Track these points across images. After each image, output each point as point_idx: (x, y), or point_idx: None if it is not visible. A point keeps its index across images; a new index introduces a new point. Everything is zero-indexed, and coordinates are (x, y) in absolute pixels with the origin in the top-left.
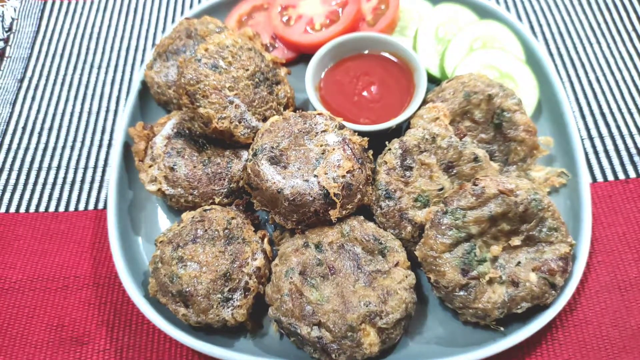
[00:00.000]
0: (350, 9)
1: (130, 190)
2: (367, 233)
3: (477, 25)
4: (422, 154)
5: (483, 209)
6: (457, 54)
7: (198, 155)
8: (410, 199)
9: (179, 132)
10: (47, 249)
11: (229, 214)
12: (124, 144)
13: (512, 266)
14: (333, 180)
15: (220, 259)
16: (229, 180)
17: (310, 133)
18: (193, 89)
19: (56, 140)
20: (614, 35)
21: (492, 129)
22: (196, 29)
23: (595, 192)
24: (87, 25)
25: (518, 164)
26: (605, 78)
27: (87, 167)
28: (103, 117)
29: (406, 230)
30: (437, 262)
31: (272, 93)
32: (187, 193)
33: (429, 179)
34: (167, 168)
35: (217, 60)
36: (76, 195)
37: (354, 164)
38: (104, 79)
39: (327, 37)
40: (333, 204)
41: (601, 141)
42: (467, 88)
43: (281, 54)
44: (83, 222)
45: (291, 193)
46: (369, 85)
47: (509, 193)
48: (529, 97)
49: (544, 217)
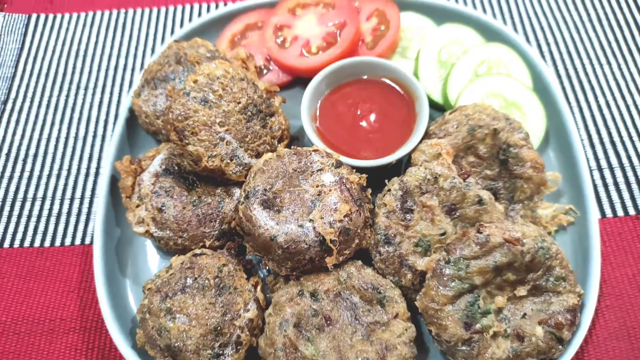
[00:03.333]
0: (349, 31)
1: (117, 228)
2: (366, 281)
3: (482, 48)
4: (424, 196)
5: (487, 259)
6: (461, 80)
7: (187, 194)
8: (411, 244)
9: (167, 169)
10: (32, 288)
11: (220, 260)
12: (110, 178)
13: (517, 319)
14: (329, 226)
15: (210, 311)
16: (220, 221)
17: (306, 172)
18: (181, 126)
19: (41, 168)
20: (625, 55)
21: (498, 165)
22: (186, 53)
23: (604, 228)
24: (73, 41)
25: (524, 202)
26: (615, 102)
27: (73, 198)
28: (90, 143)
29: (406, 278)
30: (439, 315)
31: (266, 126)
32: (177, 236)
33: (431, 223)
34: (155, 209)
35: (206, 93)
36: (62, 229)
37: (352, 207)
38: (90, 100)
39: (324, 61)
40: (329, 250)
41: (611, 173)
42: (472, 121)
43: (276, 77)
44: (69, 259)
45: (285, 241)
46: (368, 113)
47: (515, 242)
48: (536, 127)
49: (552, 265)
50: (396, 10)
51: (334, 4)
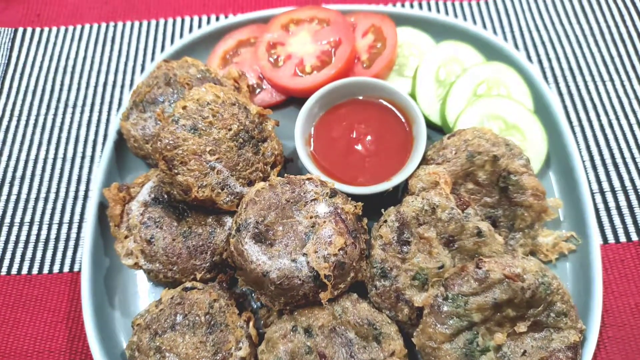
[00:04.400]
0: (344, 49)
1: (106, 257)
2: (361, 316)
3: (482, 67)
4: (421, 227)
5: (487, 296)
6: (460, 100)
7: (177, 224)
8: (408, 277)
9: (156, 198)
10: (19, 319)
11: (211, 295)
12: (98, 204)
13: (517, 357)
14: (324, 260)
15: (201, 350)
16: (211, 253)
17: (299, 203)
18: (170, 155)
19: (28, 191)
20: (629, 71)
21: (497, 192)
22: (175, 74)
23: (606, 255)
24: (61, 56)
25: (525, 231)
26: (618, 121)
27: (61, 223)
28: (78, 165)
29: (403, 313)
30: (437, 353)
31: (258, 153)
32: (166, 269)
33: (428, 255)
34: (143, 241)
35: (196, 120)
36: (50, 256)
37: (347, 239)
38: (79, 119)
39: (318, 81)
40: (324, 286)
41: (613, 196)
42: (471, 147)
43: (269, 97)
44: (58, 287)
45: (278, 277)
46: (364, 136)
47: (516, 278)
48: (537, 151)
49: (553, 300)
50: (393, 27)
51: (328, 20)
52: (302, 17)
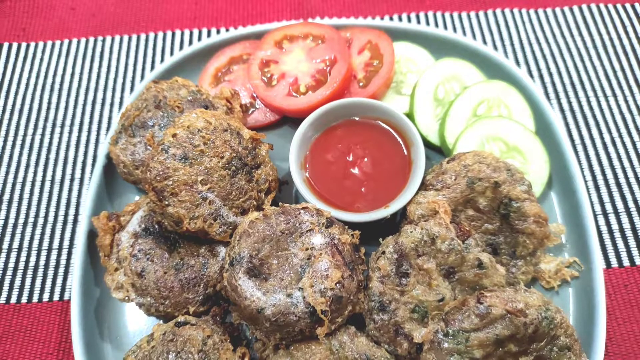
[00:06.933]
0: (339, 68)
1: (96, 287)
2: (359, 351)
3: (481, 86)
4: (420, 258)
5: (488, 331)
6: (459, 121)
7: (169, 256)
8: (407, 310)
9: (147, 228)
10: (8, 351)
11: (205, 331)
12: (88, 233)
13: None
14: (320, 294)
15: None
16: (204, 285)
17: (295, 234)
18: (160, 186)
19: (16, 216)
20: (632, 86)
21: (499, 219)
22: (165, 96)
23: (609, 279)
24: (48, 73)
25: (527, 258)
26: (621, 139)
27: (50, 249)
28: (67, 187)
29: (402, 347)
30: None
31: (252, 180)
32: (158, 303)
33: (428, 287)
34: (134, 274)
35: (187, 149)
36: (39, 283)
37: (344, 272)
38: (67, 140)
39: (313, 102)
40: (320, 321)
41: (616, 218)
42: (471, 173)
43: (262, 116)
44: (48, 317)
45: (273, 313)
46: (361, 159)
47: (518, 313)
48: (538, 174)
49: (556, 334)
50: (390, 44)
51: (323, 36)
52: (296, 33)
